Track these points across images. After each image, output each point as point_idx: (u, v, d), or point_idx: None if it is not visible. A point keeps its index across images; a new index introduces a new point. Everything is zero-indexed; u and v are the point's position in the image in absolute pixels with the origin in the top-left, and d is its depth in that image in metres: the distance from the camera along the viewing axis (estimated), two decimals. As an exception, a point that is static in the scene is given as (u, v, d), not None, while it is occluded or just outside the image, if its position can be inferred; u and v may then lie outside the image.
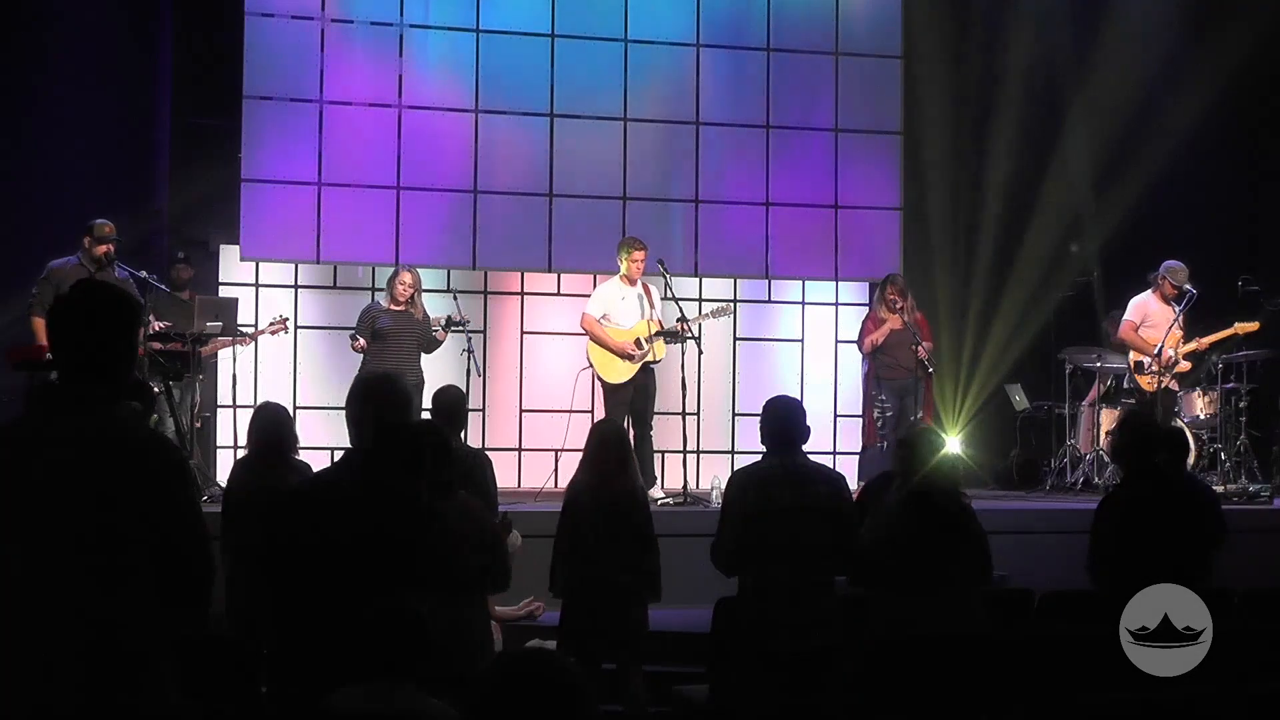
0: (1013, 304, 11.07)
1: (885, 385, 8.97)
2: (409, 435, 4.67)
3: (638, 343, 8.49)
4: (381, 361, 8.39)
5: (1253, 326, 9.10)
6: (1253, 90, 10.98)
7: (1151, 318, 9.09)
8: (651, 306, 8.62)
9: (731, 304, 9.38)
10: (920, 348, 8.80)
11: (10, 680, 2.62)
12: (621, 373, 8.53)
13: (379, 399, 3.88)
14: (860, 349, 9.26)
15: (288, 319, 9.30)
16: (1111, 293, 10.19)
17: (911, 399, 8.90)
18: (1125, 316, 9.18)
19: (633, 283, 8.65)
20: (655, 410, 8.67)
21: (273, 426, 5.93)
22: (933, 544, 4.71)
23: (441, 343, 8.64)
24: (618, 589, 5.37)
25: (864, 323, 9.30)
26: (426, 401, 8.71)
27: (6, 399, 7.79)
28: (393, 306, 8.57)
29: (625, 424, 8.24)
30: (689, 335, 8.51)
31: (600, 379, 8.66)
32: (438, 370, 8.84)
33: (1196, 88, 10.83)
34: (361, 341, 8.50)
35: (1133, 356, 9.14)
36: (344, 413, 4.02)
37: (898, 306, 8.99)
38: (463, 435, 6.60)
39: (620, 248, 8.74)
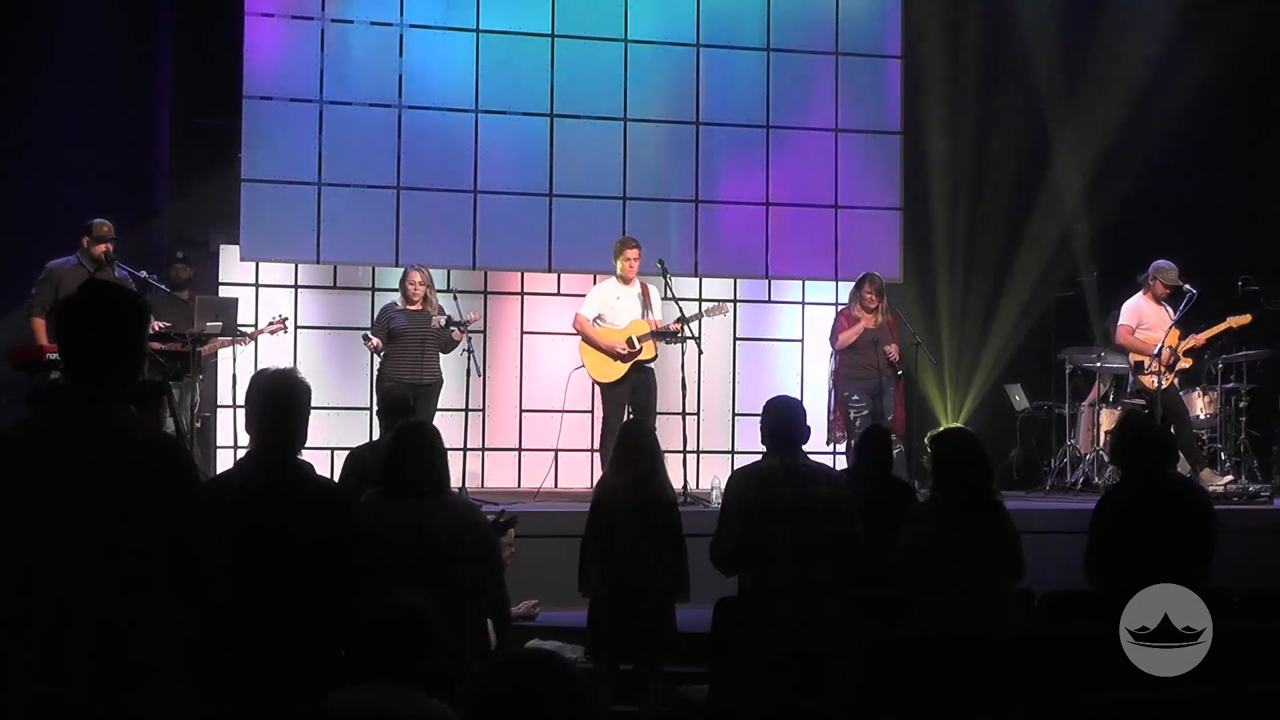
0: (1012, 303, 11.08)
1: (856, 385, 8.92)
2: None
3: (629, 342, 8.48)
4: (398, 361, 8.43)
5: (1245, 319, 9.10)
6: (1251, 88, 10.99)
7: (1146, 320, 9.10)
8: (649, 306, 8.61)
9: (725, 301, 9.32)
10: (891, 348, 8.80)
11: (22, 680, 2.62)
12: (611, 372, 8.53)
13: (274, 400, 3.79)
14: (832, 345, 9.23)
15: (287, 319, 9.30)
16: (1110, 292, 10.19)
17: (885, 400, 8.88)
18: (1120, 321, 9.17)
19: (628, 282, 8.64)
20: (656, 410, 8.66)
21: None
22: (973, 543, 4.70)
23: (459, 342, 8.60)
24: (648, 590, 5.37)
25: (837, 319, 9.22)
26: (444, 401, 8.81)
27: (6, 399, 7.79)
28: (408, 307, 8.58)
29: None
30: (687, 335, 8.49)
31: (593, 379, 8.67)
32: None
33: (1194, 84, 10.84)
34: (375, 341, 8.51)
35: (1133, 358, 9.15)
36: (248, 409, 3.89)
37: (872, 306, 8.95)
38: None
39: (615, 247, 8.74)
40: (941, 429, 5.62)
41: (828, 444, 9.26)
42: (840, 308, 9.39)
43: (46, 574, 2.65)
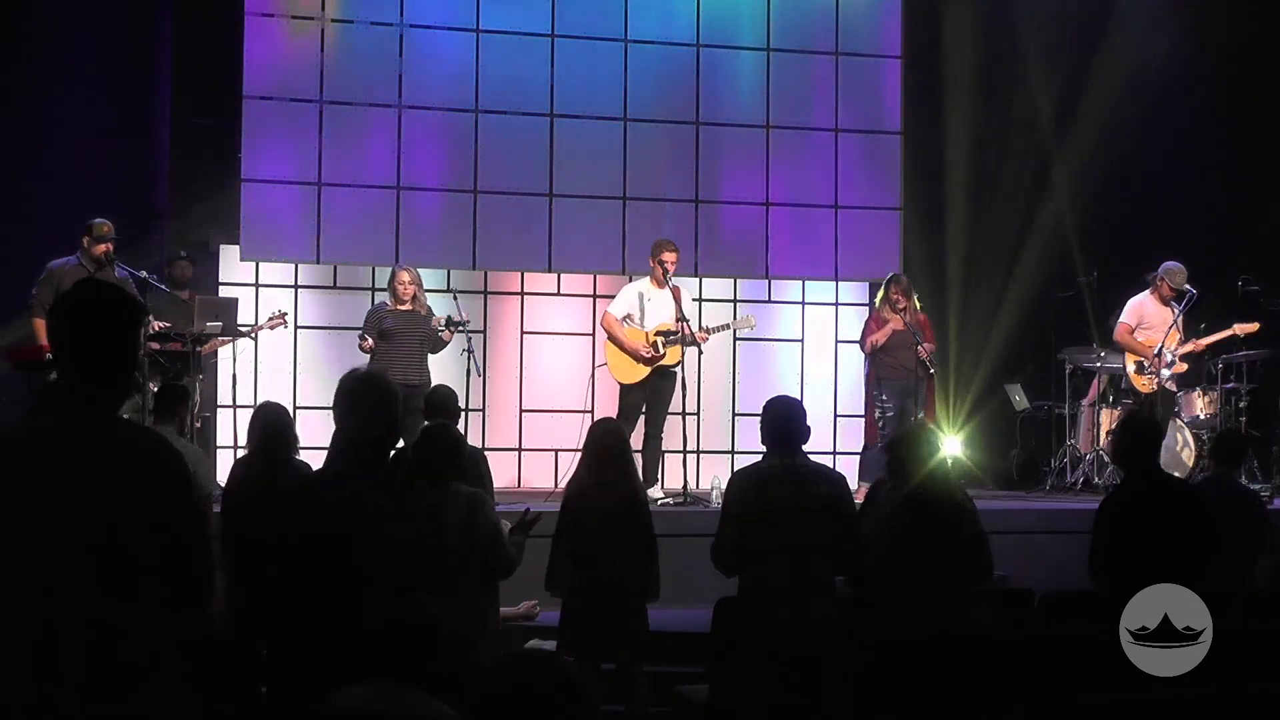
0: (1012, 304, 11.08)
1: (886, 385, 8.93)
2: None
3: (653, 345, 8.47)
4: (389, 361, 8.42)
5: (1252, 327, 9.09)
6: (1252, 88, 10.99)
7: (1148, 319, 9.09)
8: (679, 308, 8.51)
9: (752, 318, 9.23)
10: (921, 348, 8.80)
11: (14, 682, 2.61)
12: (633, 373, 8.51)
13: (355, 400, 3.85)
14: (862, 349, 9.23)
15: (286, 313, 9.30)
16: (1110, 292, 10.19)
17: (913, 399, 8.89)
18: (1120, 319, 9.17)
19: (661, 285, 8.62)
20: (665, 415, 8.63)
21: (273, 426, 5.94)
22: (929, 545, 4.71)
23: (447, 343, 8.63)
24: (618, 588, 5.37)
25: (866, 322, 9.25)
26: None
27: (6, 399, 7.80)
28: (398, 306, 8.59)
29: (637, 424, 8.27)
30: (690, 341, 8.46)
31: (615, 379, 8.66)
32: (438, 370, 8.83)
33: (1194, 84, 10.84)
34: (369, 341, 8.51)
35: (1128, 357, 9.14)
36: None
37: (900, 307, 8.95)
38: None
39: (652, 248, 8.70)
40: (900, 431, 5.61)
41: (872, 445, 9.26)
42: (869, 309, 9.40)
43: (38, 577, 2.63)
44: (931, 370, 8.96)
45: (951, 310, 11.09)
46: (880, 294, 9.14)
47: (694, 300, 10.21)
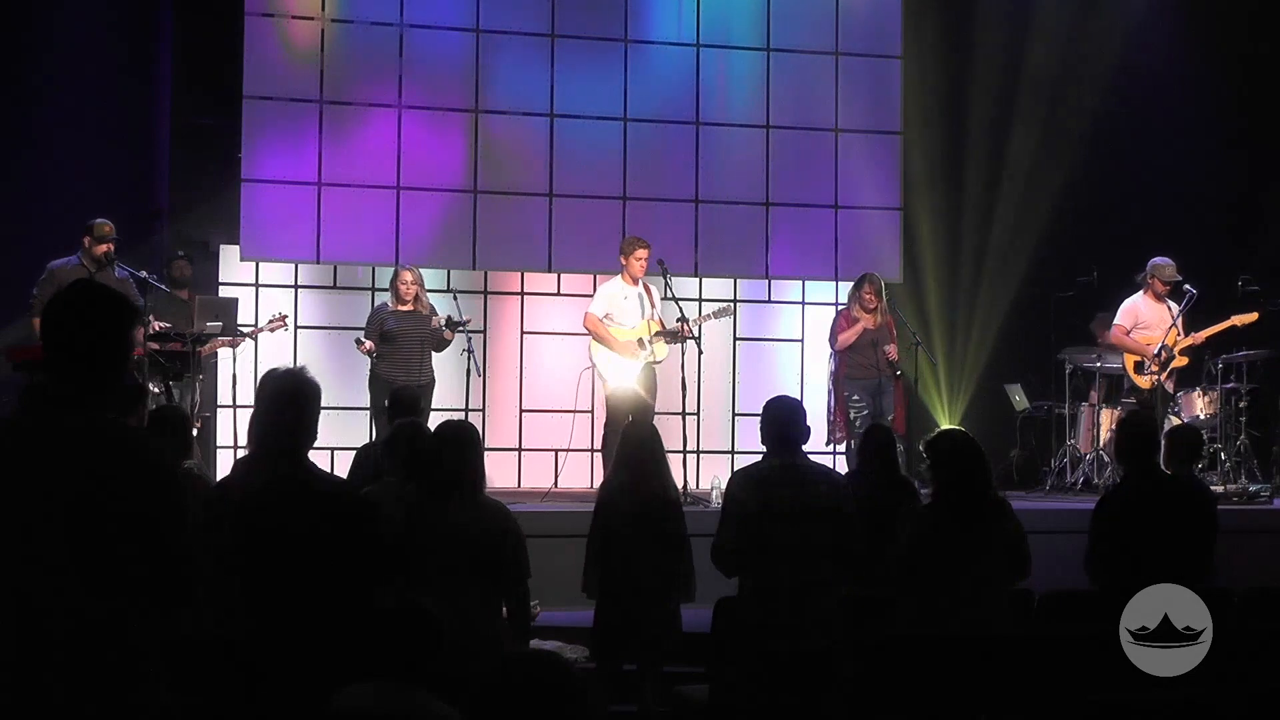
0: (1011, 303, 11.08)
1: (856, 384, 8.97)
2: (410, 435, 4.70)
3: (640, 343, 8.50)
4: (392, 363, 8.44)
5: (1251, 317, 9.04)
6: (1253, 86, 10.99)
7: (1144, 319, 9.06)
8: (653, 306, 8.64)
9: (732, 305, 9.31)
10: (890, 348, 8.83)
11: None
12: (624, 373, 8.54)
13: (278, 399, 3.80)
14: (831, 345, 9.26)
15: (287, 316, 9.30)
16: (1110, 292, 10.19)
17: (885, 399, 8.92)
18: (1115, 321, 9.15)
19: (635, 282, 8.66)
20: (655, 410, 8.67)
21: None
22: (971, 544, 4.72)
23: (450, 342, 8.66)
24: (651, 589, 5.37)
25: (836, 319, 9.27)
26: (444, 401, 8.84)
27: (6, 399, 7.80)
28: (400, 307, 8.59)
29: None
30: (689, 335, 8.51)
31: (603, 379, 8.66)
32: (437, 371, 8.85)
33: (1197, 84, 10.84)
34: (368, 344, 8.51)
35: (1126, 357, 9.13)
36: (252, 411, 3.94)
37: (871, 306, 8.98)
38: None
39: (623, 246, 8.77)
40: (936, 432, 5.61)
41: (828, 444, 9.29)
42: (840, 308, 9.40)
43: (24, 573, 2.63)
44: (899, 372, 8.98)
45: (952, 310, 11.09)
46: (851, 292, 9.16)
47: (694, 300, 10.23)
